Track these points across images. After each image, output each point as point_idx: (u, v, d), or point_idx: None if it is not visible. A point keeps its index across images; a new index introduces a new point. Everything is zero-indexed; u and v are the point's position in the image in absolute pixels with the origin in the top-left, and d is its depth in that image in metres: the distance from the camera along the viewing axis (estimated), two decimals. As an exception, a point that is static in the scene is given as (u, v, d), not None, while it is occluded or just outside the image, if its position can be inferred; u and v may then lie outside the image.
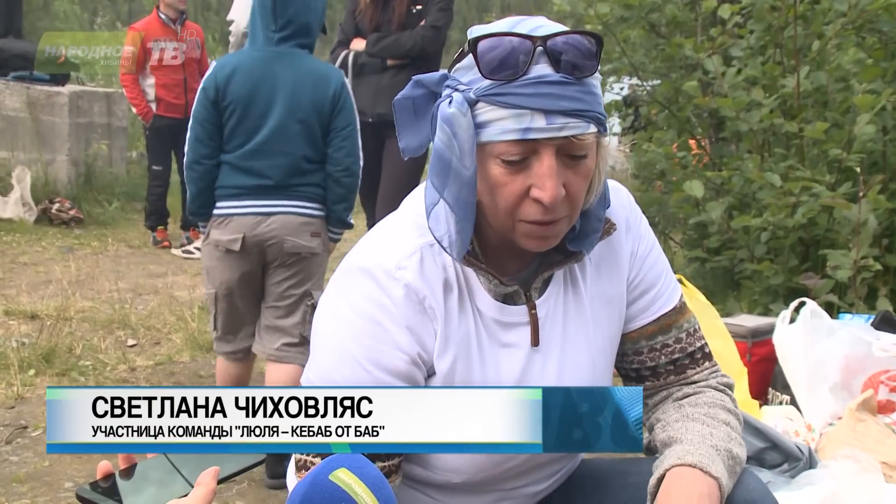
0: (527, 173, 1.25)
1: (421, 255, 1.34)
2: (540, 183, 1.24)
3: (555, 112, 1.22)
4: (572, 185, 1.27)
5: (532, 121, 1.22)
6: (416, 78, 1.33)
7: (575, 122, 1.23)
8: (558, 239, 1.33)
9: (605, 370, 1.47)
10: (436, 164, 1.28)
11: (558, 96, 1.22)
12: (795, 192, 4.06)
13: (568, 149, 1.25)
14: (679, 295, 1.53)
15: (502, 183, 1.26)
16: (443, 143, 1.26)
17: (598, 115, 1.25)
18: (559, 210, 1.27)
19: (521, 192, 1.26)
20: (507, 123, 1.23)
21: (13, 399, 3.61)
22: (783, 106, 4.58)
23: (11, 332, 4.41)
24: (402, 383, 1.33)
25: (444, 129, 1.25)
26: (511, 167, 1.25)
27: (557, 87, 1.22)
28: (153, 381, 3.91)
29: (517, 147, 1.24)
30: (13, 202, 7.27)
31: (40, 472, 3.02)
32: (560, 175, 1.25)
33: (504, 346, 1.38)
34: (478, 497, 1.46)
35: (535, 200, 1.26)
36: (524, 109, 1.22)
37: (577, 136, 1.23)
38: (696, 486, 1.30)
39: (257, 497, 2.93)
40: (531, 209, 1.27)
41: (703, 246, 5.01)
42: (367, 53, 4.47)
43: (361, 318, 1.32)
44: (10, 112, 7.78)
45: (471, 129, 1.24)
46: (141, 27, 6.75)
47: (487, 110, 1.24)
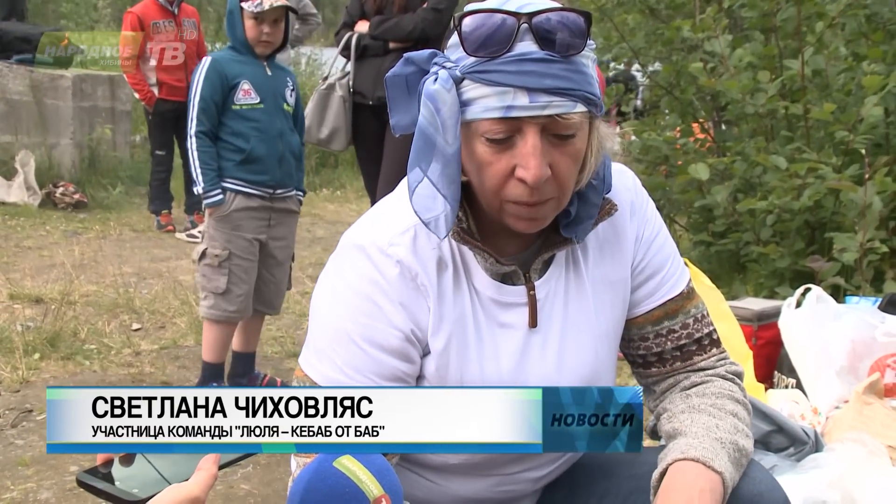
0: (512, 153, 1.24)
1: (414, 233, 1.34)
2: (524, 162, 1.23)
3: (538, 90, 1.20)
4: (559, 166, 1.25)
5: (515, 99, 1.21)
6: (407, 55, 1.32)
7: (560, 100, 1.21)
8: (547, 221, 1.31)
9: (607, 354, 1.46)
10: (419, 142, 1.27)
11: (542, 74, 1.20)
12: (801, 173, 4.03)
13: (553, 128, 1.23)
14: (687, 280, 1.51)
15: (487, 162, 1.26)
16: (426, 119, 1.25)
17: (586, 95, 1.23)
18: (545, 191, 1.26)
19: (507, 172, 1.25)
20: (491, 101, 1.22)
21: (18, 383, 3.61)
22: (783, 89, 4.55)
23: (16, 316, 4.41)
24: (397, 361, 1.33)
25: (428, 105, 1.24)
26: (496, 146, 1.24)
27: (541, 64, 1.20)
28: (158, 364, 3.92)
29: (501, 125, 1.23)
30: (17, 186, 7.26)
31: (46, 455, 3.03)
32: (545, 154, 1.23)
33: (501, 325, 1.37)
34: (477, 480, 1.46)
35: (520, 180, 1.24)
36: (507, 87, 1.21)
37: (562, 115, 1.21)
38: (698, 481, 1.29)
39: (262, 481, 2.93)
40: (516, 189, 1.26)
41: (709, 229, 5.00)
42: (370, 36, 4.45)
43: (356, 295, 1.32)
44: (14, 95, 7.75)
45: (455, 105, 1.23)
46: (139, 11, 6.73)
47: (472, 88, 1.23)
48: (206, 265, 3.37)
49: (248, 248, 3.39)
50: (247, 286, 3.41)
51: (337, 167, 10.01)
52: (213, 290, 3.37)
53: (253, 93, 3.38)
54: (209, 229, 3.39)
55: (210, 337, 3.46)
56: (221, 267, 3.35)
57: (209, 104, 3.31)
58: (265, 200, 3.42)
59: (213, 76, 3.32)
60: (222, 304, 3.38)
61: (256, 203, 3.40)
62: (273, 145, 3.41)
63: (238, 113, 3.37)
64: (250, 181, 3.38)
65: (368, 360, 1.32)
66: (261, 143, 3.38)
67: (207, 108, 3.31)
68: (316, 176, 9.56)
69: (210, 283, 3.37)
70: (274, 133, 3.42)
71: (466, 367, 1.36)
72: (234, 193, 3.35)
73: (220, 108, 3.34)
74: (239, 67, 3.37)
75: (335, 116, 4.48)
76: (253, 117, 3.38)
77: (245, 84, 3.36)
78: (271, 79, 3.44)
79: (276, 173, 3.43)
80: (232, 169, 3.35)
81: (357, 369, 1.32)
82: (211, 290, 3.37)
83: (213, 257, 3.34)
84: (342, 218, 7.72)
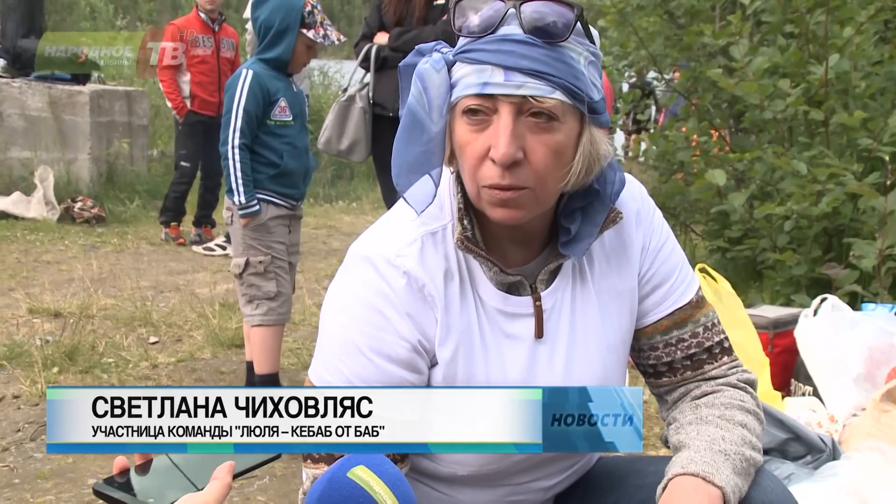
0: (487, 133, 1.25)
1: (421, 244, 1.34)
2: (494, 141, 1.24)
3: (514, 69, 1.22)
4: (534, 153, 1.25)
5: (492, 76, 1.23)
6: (418, 46, 1.34)
7: (536, 82, 1.22)
8: (524, 212, 1.29)
9: (616, 365, 1.45)
10: (406, 119, 1.30)
11: (520, 55, 1.22)
12: (822, 179, 4.01)
13: (528, 109, 1.23)
14: (696, 289, 1.50)
15: (466, 142, 1.27)
16: (414, 98, 1.29)
17: (568, 85, 1.23)
18: (519, 176, 1.25)
19: (482, 153, 1.26)
20: (470, 78, 1.25)
21: (37, 396, 3.63)
22: (807, 94, 4.53)
23: (35, 330, 4.44)
24: (404, 371, 1.33)
25: (417, 84, 1.28)
26: (474, 125, 1.26)
27: (522, 45, 1.22)
28: (175, 378, 3.93)
29: (476, 101, 1.24)
30: (36, 201, 7.33)
31: (64, 468, 3.05)
32: (517, 136, 1.24)
33: (507, 336, 1.37)
34: (488, 491, 1.46)
35: (492, 161, 1.25)
36: (485, 65, 1.23)
37: (537, 97, 1.22)
38: (696, 496, 1.28)
39: (279, 492, 2.94)
40: (489, 171, 1.26)
41: (725, 236, 4.98)
42: (390, 48, 4.46)
43: (363, 306, 1.33)
44: (33, 112, 7.84)
45: (443, 86, 1.26)
46: (181, 23, 6.86)
47: (459, 69, 1.27)
48: (251, 274, 3.43)
49: (284, 251, 3.49)
50: (289, 286, 3.53)
51: (353, 179, 10.05)
52: (265, 297, 3.44)
53: (287, 110, 3.45)
54: (245, 240, 3.43)
55: (264, 345, 3.50)
56: (268, 272, 3.42)
57: (252, 118, 3.35)
58: (289, 210, 3.51)
59: (256, 90, 3.35)
60: (276, 307, 3.46)
61: (284, 212, 3.49)
62: (302, 161, 3.53)
63: (272, 128, 3.42)
64: (280, 193, 3.46)
65: (376, 371, 1.32)
66: (292, 158, 3.47)
67: (250, 121, 3.35)
68: (332, 188, 9.60)
69: (260, 291, 3.44)
70: (302, 149, 3.54)
71: (473, 378, 1.35)
72: (266, 204, 3.42)
73: (258, 121, 3.39)
74: (276, 84, 3.42)
75: (355, 128, 4.50)
76: (285, 133, 3.45)
77: (282, 101, 3.42)
78: (298, 96, 3.54)
79: (301, 187, 3.57)
80: (265, 181, 3.42)
81: (364, 380, 1.32)
82: (262, 296, 3.44)
83: (258, 264, 3.42)
84: (358, 230, 7.69)
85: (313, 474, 1.34)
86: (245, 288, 3.47)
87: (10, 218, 7.23)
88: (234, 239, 3.52)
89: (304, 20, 3.35)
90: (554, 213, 1.39)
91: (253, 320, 3.49)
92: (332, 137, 4.53)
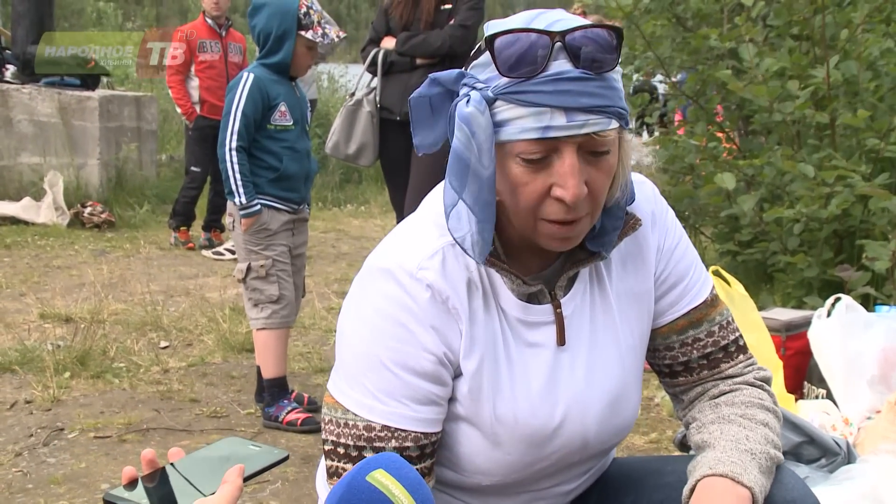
0: (548, 172, 1.23)
1: (443, 256, 1.33)
2: (562, 182, 1.22)
3: (575, 109, 1.20)
4: (594, 182, 1.25)
5: (552, 119, 1.20)
6: (433, 76, 1.30)
7: (596, 118, 1.20)
8: (580, 238, 1.31)
9: (634, 367, 1.45)
10: (454, 165, 1.26)
11: (578, 93, 1.19)
12: (830, 181, 4.00)
13: (589, 146, 1.22)
14: (710, 288, 1.50)
15: (523, 182, 1.25)
16: (461, 143, 1.24)
17: (619, 110, 1.23)
18: (581, 208, 1.25)
19: (543, 192, 1.24)
20: (527, 122, 1.21)
21: (49, 401, 3.64)
22: (814, 96, 4.52)
23: (47, 335, 4.46)
24: (430, 385, 1.32)
25: (463, 128, 1.23)
26: (532, 166, 1.23)
27: (577, 83, 1.20)
28: (186, 382, 3.94)
29: (538, 146, 1.22)
30: (46, 207, 7.36)
31: (77, 473, 3.05)
32: (582, 173, 1.22)
33: (530, 345, 1.37)
34: (509, 499, 1.46)
35: (558, 199, 1.24)
36: (544, 107, 1.20)
37: (599, 133, 1.21)
38: (726, 497, 1.28)
39: (291, 497, 2.94)
40: (553, 208, 1.25)
41: (735, 239, 4.96)
42: (397, 52, 4.47)
43: (385, 320, 1.31)
44: (42, 117, 7.86)
45: (489, 128, 1.22)
46: (188, 28, 6.91)
47: (506, 108, 1.22)
48: (254, 279, 3.45)
49: (286, 254, 3.50)
50: (292, 289, 3.52)
51: (361, 183, 10.05)
52: (268, 300, 3.45)
53: (288, 115, 3.46)
54: (246, 245, 3.45)
55: (269, 349, 3.52)
56: (269, 276, 3.44)
57: (250, 121, 3.37)
58: (290, 213, 3.52)
59: (255, 94, 3.37)
60: (279, 310, 3.47)
61: (285, 217, 3.50)
62: (302, 165, 3.52)
63: (272, 132, 3.44)
64: (281, 197, 3.47)
65: (401, 385, 1.31)
66: (292, 162, 3.47)
67: (248, 124, 3.37)
68: (340, 192, 9.60)
69: (263, 294, 3.45)
70: (303, 153, 3.53)
71: (498, 389, 1.35)
72: (266, 208, 3.44)
73: (257, 125, 3.41)
74: (277, 88, 3.43)
75: (363, 132, 4.50)
76: (286, 138, 3.47)
77: (283, 106, 3.44)
78: (300, 100, 3.55)
79: (302, 191, 3.56)
80: (264, 185, 3.44)
81: (390, 394, 1.31)
82: (265, 300, 3.46)
83: (260, 268, 3.43)
84: (367, 233, 7.75)
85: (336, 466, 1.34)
86: (249, 292, 3.50)
87: (21, 223, 7.25)
88: (237, 244, 3.55)
89: (301, 22, 3.36)
90: None
91: (257, 324, 3.52)
92: (340, 142, 4.54)
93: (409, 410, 1.31)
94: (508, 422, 1.35)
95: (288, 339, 3.63)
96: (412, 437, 1.32)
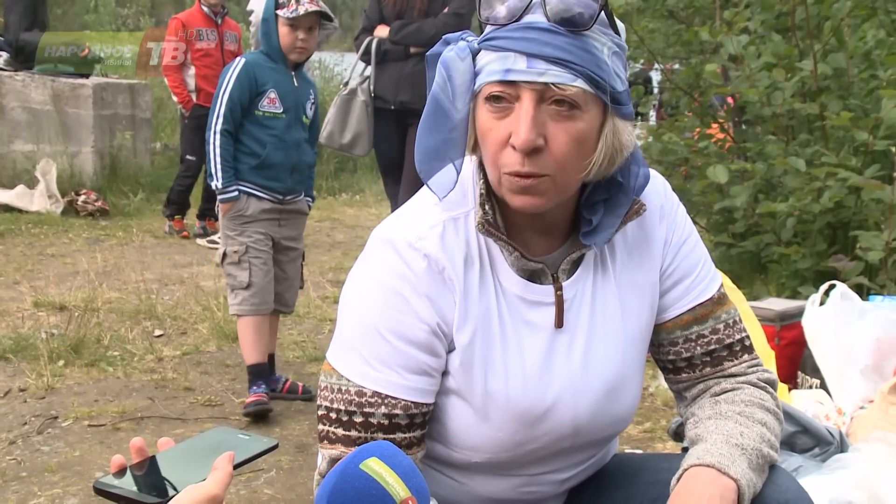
0: (509, 120, 1.26)
1: (443, 228, 1.36)
2: (515, 127, 1.25)
3: (537, 56, 1.23)
4: (555, 140, 1.25)
5: (514, 63, 1.24)
6: (445, 36, 1.35)
7: (558, 70, 1.22)
8: (544, 199, 1.29)
9: (634, 358, 1.45)
10: (430, 106, 1.32)
11: (543, 42, 1.23)
12: (821, 177, 4.01)
13: (550, 97, 1.24)
14: (718, 286, 1.50)
15: (488, 128, 1.28)
16: (438, 85, 1.30)
17: (591, 74, 1.23)
18: (539, 163, 1.26)
19: (503, 140, 1.27)
20: (493, 66, 1.26)
21: (43, 390, 3.64)
22: (802, 89, 4.53)
23: (41, 323, 4.45)
24: (423, 354, 1.34)
25: (441, 72, 1.29)
26: (496, 112, 1.26)
27: (545, 34, 1.23)
28: (180, 370, 3.94)
29: (499, 87, 1.25)
30: (39, 194, 7.33)
31: (71, 461, 3.05)
32: (539, 123, 1.24)
33: (527, 323, 1.37)
34: (501, 480, 1.46)
35: (513, 147, 1.25)
36: (509, 52, 1.24)
37: (559, 85, 1.22)
38: (710, 486, 1.28)
39: (285, 485, 2.94)
40: (510, 158, 1.27)
41: (729, 231, 4.97)
42: (390, 41, 4.46)
43: (383, 288, 1.34)
44: (36, 105, 7.83)
45: (467, 74, 1.28)
46: (184, 17, 6.89)
47: (483, 57, 1.28)
48: (228, 264, 3.47)
49: (262, 241, 3.48)
50: (267, 277, 3.50)
51: (356, 172, 10.04)
52: (238, 287, 3.46)
53: (278, 102, 3.44)
54: (224, 230, 3.49)
55: (246, 335, 3.52)
56: (242, 262, 3.44)
57: (236, 105, 3.37)
58: (275, 203, 3.51)
59: (243, 78, 3.37)
60: (249, 297, 3.46)
61: (268, 206, 3.49)
62: (288, 155, 3.49)
63: (260, 119, 3.43)
64: (262, 186, 3.46)
65: (395, 353, 1.33)
66: (276, 150, 3.45)
67: (234, 108, 3.37)
68: (335, 181, 9.59)
69: (235, 280, 3.47)
70: (291, 143, 3.49)
71: (491, 364, 1.36)
72: (246, 196, 3.44)
73: (245, 110, 3.39)
74: (269, 74, 3.42)
75: (357, 121, 4.50)
76: (273, 126, 3.44)
77: (272, 92, 3.42)
78: (297, 90, 3.50)
79: (288, 181, 3.52)
80: (246, 172, 3.44)
81: (384, 362, 1.33)
82: (237, 286, 3.47)
83: (233, 254, 3.45)
84: (361, 222, 7.74)
85: (329, 454, 1.35)
86: (226, 277, 3.54)
87: (14, 211, 7.23)
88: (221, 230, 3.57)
89: (278, 2, 3.35)
90: (577, 204, 1.39)
91: (231, 310, 3.55)
92: (335, 131, 4.53)
93: (401, 378, 1.33)
94: (499, 398, 1.36)
95: (267, 328, 3.59)
96: (402, 405, 1.34)
